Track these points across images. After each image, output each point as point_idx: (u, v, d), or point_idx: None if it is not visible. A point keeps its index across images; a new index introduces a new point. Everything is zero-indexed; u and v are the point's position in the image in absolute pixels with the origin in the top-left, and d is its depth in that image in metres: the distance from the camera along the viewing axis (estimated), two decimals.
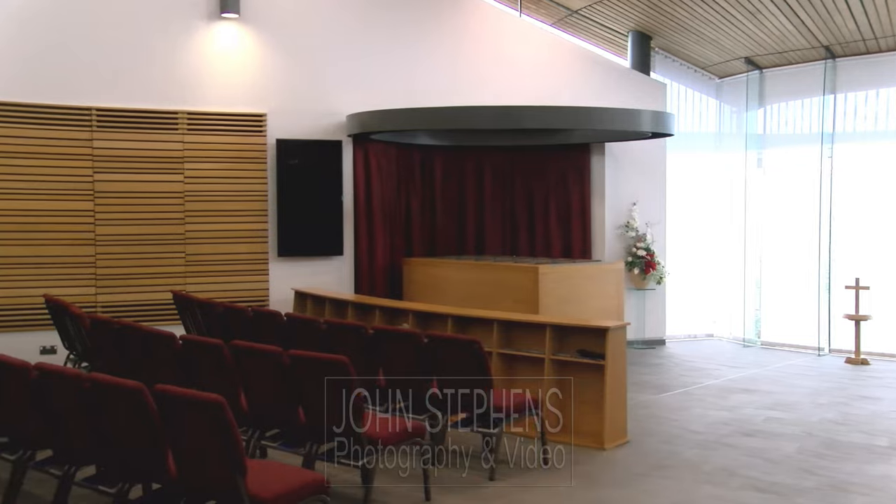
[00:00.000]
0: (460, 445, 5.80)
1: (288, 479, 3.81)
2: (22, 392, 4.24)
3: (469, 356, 5.20)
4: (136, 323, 6.00)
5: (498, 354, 6.50)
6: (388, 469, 5.15)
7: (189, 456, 3.66)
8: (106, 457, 4.00)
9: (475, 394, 5.22)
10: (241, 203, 9.10)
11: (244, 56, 9.14)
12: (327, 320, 6.19)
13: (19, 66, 8.16)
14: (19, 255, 8.18)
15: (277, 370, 4.63)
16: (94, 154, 8.46)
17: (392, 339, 5.61)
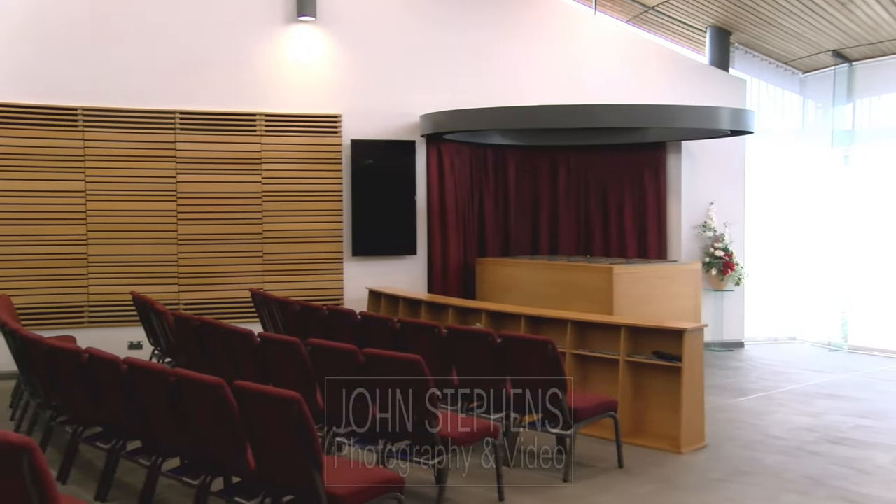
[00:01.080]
0: (534, 446, 5.77)
1: (363, 475, 3.85)
2: (113, 385, 4.41)
3: (543, 356, 5.16)
4: (216, 320, 6.15)
5: (571, 355, 6.44)
6: (462, 468, 5.15)
7: (267, 451, 3.74)
8: (189, 449, 4.12)
9: (549, 394, 5.18)
10: (317, 203, 9.25)
11: (320, 58, 9.29)
12: (401, 319, 6.23)
13: (110, 74, 8.49)
14: (109, 253, 8.52)
15: (353, 368, 4.68)
16: (177, 156, 8.74)
17: (465, 339, 5.61)
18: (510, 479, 5.06)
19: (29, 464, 2.73)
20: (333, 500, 3.58)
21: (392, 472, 4.06)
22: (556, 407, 5.17)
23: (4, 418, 6.51)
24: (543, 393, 5.21)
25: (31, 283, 8.27)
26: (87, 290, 8.48)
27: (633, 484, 5.18)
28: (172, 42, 8.72)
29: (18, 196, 8.22)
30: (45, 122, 8.28)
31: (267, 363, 5.30)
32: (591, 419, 5.33)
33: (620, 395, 5.96)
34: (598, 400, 5.49)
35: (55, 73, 8.32)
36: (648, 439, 5.96)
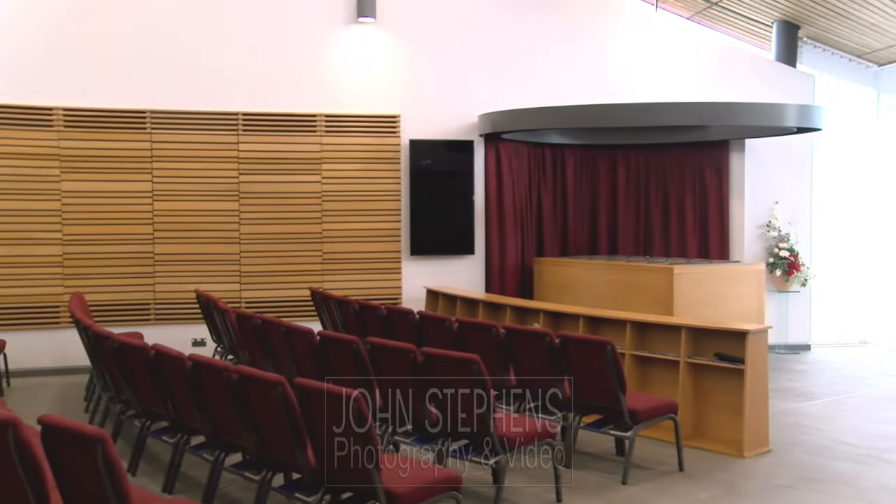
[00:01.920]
0: (592, 447, 5.72)
1: (421, 474, 3.87)
2: (178, 381, 4.53)
3: (601, 357, 5.11)
4: (277, 318, 6.25)
5: (630, 356, 6.36)
6: (519, 469, 5.14)
7: (326, 447, 3.78)
8: (251, 445, 4.20)
9: (607, 395, 5.13)
10: (376, 203, 9.33)
11: (379, 59, 9.37)
12: (459, 319, 6.24)
13: (177, 77, 8.71)
14: (175, 252, 8.74)
15: (411, 367, 4.71)
16: (239, 156, 8.91)
17: (523, 339, 5.59)
18: (568, 480, 5.03)
19: (103, 454, 2.83)
20: (392, 497, 3.61)
21: (450, 470, 4.06)
22: (614, 408, 5.12)
23: (80, 410, 6.75)
24: (601, 393, 5.16)
25: (102, 281, 8.54)
26: (153, 288, 8.71)
27: (695, 488, 5.09)
28: (235, 45, 8.90)
29: (90, 196, 8.49)
30: (115, 125, 8.54)
31: (326, 361, 5.36)
32: (650, 421, 5.26)
33: (681, 398, 5.86)
34: (658, 402, 5.41)
35: (126, 78, 8.56)
36: (710, 443, 5.85)
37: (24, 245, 8.32)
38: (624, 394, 5.10)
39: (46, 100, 8.33)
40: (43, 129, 8.34)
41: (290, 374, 5.37)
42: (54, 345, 8.34)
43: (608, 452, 5.65)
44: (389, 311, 6.85)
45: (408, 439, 4.87)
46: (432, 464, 4.40)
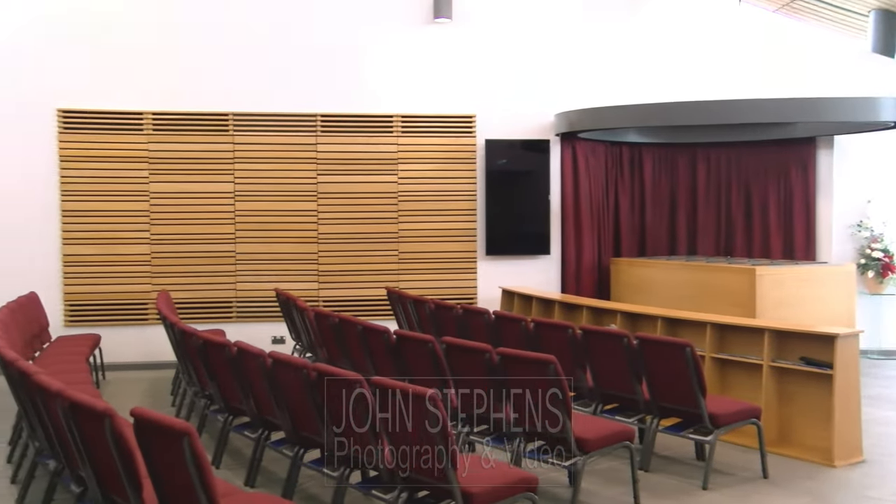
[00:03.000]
0: (671, 451, 5.60)
1: (497, 474, 3.86)
2: (259, 378, 4.63)
3: (681, 359, 4.99)
4: (354, 317, 6.34)
5: (711, 358, 6.21)
6: (596, 471, 5.08)
7: (402, 446, 3.81)
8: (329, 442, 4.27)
9: (686, 398, 5.01)
10: (451, 202, 9.36)
11: (455, 59, 9.39)
12: (534, 319, 6.20)
13: (257, 80, 8.92)
14: (255, 251, 8.96)
15: (486, 367, 4.70)
16: (318, 157, 9.07)
17: (600, 340, 5.51)
18: (646, 484, 4.94)
19: (189, 447, 2.92)
20: (468, 497, 3.61)
21: (526, 471, 4.04)
22: (694, 411, 5.00)
23: (167, 404, 6.99)
24: (680, 396, 5.05)
25: (187, 280, 8.82)
26: (235, 287, 8.95)
27: (781, 496, 4.92)
28: (314, 48, 9.06)
29: (175, 197, 8.78)
30: (199, 128, 8.81)
31: (402, 360, 5.41)
32: (731, 426, 5.12)
33: (764, 402, 5.68)
34: (740, 406, 5.26)
35: (210, 83, 8.82)
36: (795, 450, 5.65)
37: (115, 244, 8.66)
38: (704, 397, 4.98)
39: (137, 105, 8.66)
40: (134, 133, 8.67)
41: (367, 373, 5.44)
42: (143, 340, 8.66)
43: (687, 457, 5.53)
44: (465, 311, 6.86)
45: (483, 439, 4.87)
46: (508, 464, 4.39)
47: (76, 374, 5.90)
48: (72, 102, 8.52)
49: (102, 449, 3.26)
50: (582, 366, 5.59)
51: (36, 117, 8.44)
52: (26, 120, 8.43)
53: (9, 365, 4.36)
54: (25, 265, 8.37)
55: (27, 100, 8.42)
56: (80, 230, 8.58)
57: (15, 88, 8.40)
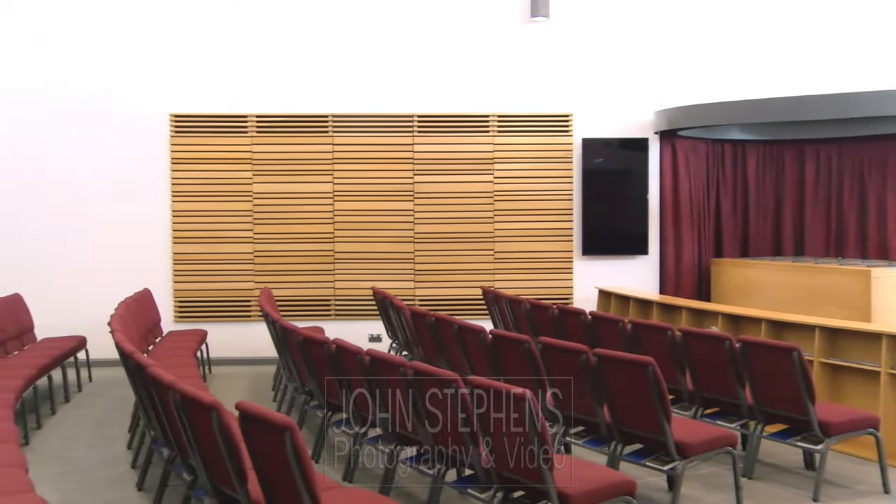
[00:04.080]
0: (776, 459, 5.39)
1: (594, 476, 3.81)
2: (357, 374, 4.72)
3: (787, 363, 4.80)
4: (450, 316, 6.37)
5: (820, 364, 5.94)
6: (697, 476, 4.94)
7: (498, 445, 3.81)
8: (425, 440, 4.31)
9: (793, 404, 4.81)
10: (547, 202, 9.30)
11: (552, 57, 9.32)
12: (632, 320, 6.09)
13: (355, 81, 9.10)
14: (353, 251, 9.14)
15: (582, 368, 4.65)
16: (414, 157, 9.18)
17: (700, 342, 5.36)
18: (750, 493, 4.77)
19: (290, 441, 3.01)
20: (564, 498, 3.58)
21: (623, 475, 3.97)
22: (801, 418, 4.79)
23: (268, 399, 7.22)
24: (787, 402, 4.85)
25: (287, 278, 9.08)
26: (333, 285, 9.15)
27: None
28: (411, 49, 9.16)
29: (277, 197, 9.05)
30: (300, 129, 9.05)
31: (498, 360, 5.40)
32: (844, 435, 4.88)
33: (882, 412, 5.39)
34: (854, 415, 5.01)
35: (310, 85, 9.05)
36: None
37: (220, 243, 9.01)
38: (813, 403, 4.77)
39: (242, 108, 8.97)
40: (238, 135, 8.98)
41: (463, 372, 5.47)
42: (246, 336, 8.96)
43: (795, 466, 5.31)
44: (561, 311, 6.80)
45: (580, 441, 4.82)
46: (605, 466, 4.32)
47: (185, 368, 6.17)
48: (183, 107, 8.91)
49: (210, 440, 3.39)
50: (681, 368, 5.46)
51: (150, 122, 8.87)
52: (142, 124, 8.86)
53: (127, 357, 4.59)
54: (141, 263, 8.81)
55: (143, 105, 8.85)
56: (188, 229, 8.96)
57: (132, 95, 8.84)
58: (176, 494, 4.43)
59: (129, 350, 4.56)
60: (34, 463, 4.41)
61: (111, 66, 8.82)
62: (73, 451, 5.76)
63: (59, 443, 6.00)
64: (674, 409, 5.14)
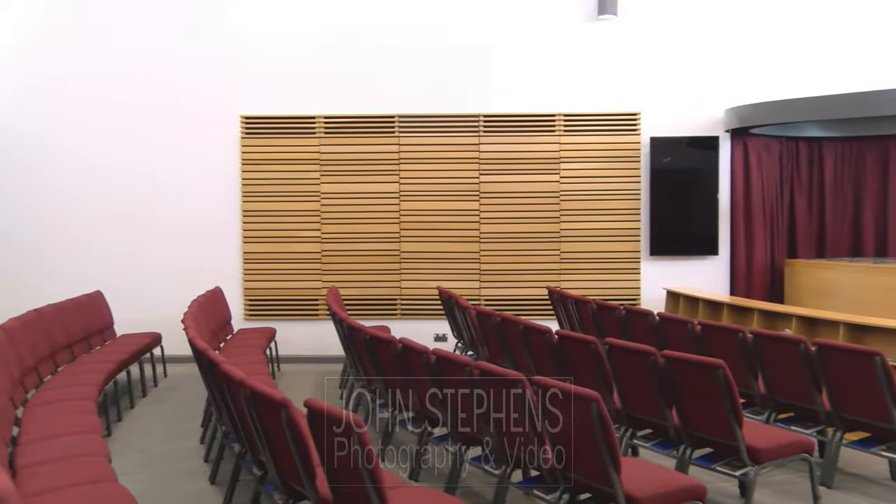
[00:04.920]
0: (859, 468, 5.19)
1: (663, 480, 3.75)
2: (423, 374, 4.75)
3: (868, 368, 4.62)
4: (515, 316, 6.35)
5: None
6: (770, 483, 4.80)
7: (565, 447, 3.78)
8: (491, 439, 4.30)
9: (875, 411, 4.63)
10: (614, 202, 9.19)
11: (619, 55, 9.20)
12: (701, 322, 5.96)
13: (421, 82, 9.15)
14: (419, 250, 9.19)
15: (650, 370, 4.57)
16: (480, 157, 9.18)
17: (773, 345, 5.22)
18: (829, 502, 4.61)
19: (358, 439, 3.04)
20: (632, 501, 3.53)
21: (693, 479, 3.89)
22: (885, 426, 4.61)
23: (335, 396, 7.32)
24: (867, 409, 4.68)
25: (354, 277, 9.19)
26: (399, 285, 9.22)
27: None
28: (477, 48, 9.16)
29: (344, 197, 9.16)
30: (367, 130, 9.15)
31: (564, 360, 5.36)
32: None
33: None
34: None
35: (377, 86, 9.14)
36: None
37: (289, 243, 9.17)
38: None
39: (310, 109, 9.11)
40: (306, 136, 9.13)
41: (528, 372, 5.44)
42: (313, 335, 9.10)
43: (880, 475, 5.09)
44: (628, 312, 6.72)
45: (647, 444, 4.74)
46: (674, 470, 4.24)
47: (255, 365, 6.31)
48: (253, 109, 9.10)
49: (279, 436, 3.45)
50: (753, 372, 5.32)
51: (223, 124, 9.08)
52: (215, 127, 9.08)
53: (200, 354, 4.72)
54: (213, 261, 9.04)
55: (215, 107, 9.07)
56: (258, 229, 9.15)
57: (205, 98, 9.07)
58: (247, 489, 4.52)
59: (201, 347, 4.69)
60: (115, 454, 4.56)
61: (185, 70, 9.06)
62: (150, 444, 5.95)
63: (137, 435, 6.21)
64: (745, 413, 5.01)
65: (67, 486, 3.53)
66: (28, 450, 4.12)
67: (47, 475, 3.70)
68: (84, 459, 3.93)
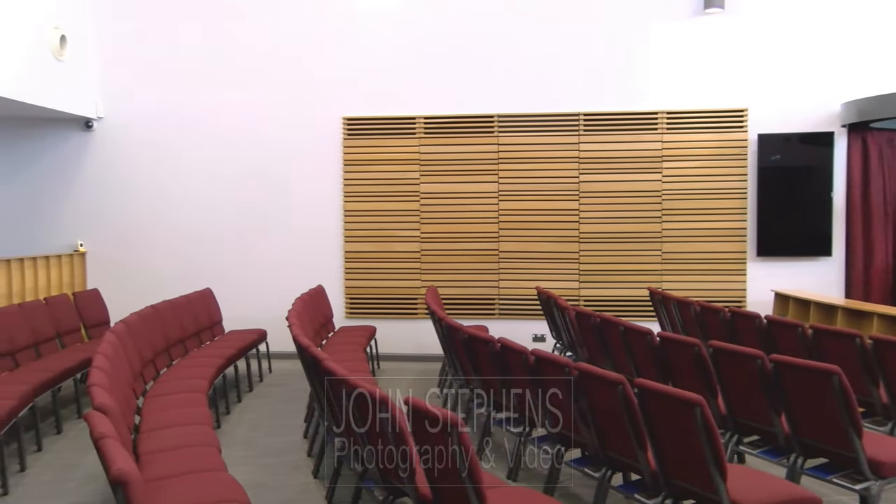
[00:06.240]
0: None
1: (773, 490, 3.60)
2: (522, 374, 4.73)
3: None
4: (615, 317, 6.24)
5: None
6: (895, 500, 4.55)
7: (668, 452, 3.69)
8: (590, 442, 4.25)
9: None
10: (718, 201, 8.91)
11: (726, 50, 8.91)
12: (813, 325, 5.70)
13: (520, 80, 9.11)
14: (517, 250, 9.16)
15: (757, 375, 4.41)
16: (580, 156, 9.07)
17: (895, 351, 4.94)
18: None
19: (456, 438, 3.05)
20: None
21: (807, 490, 3.72)
22: None
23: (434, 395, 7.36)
24: None
25: (453, 276, 9.24)
26: (497, 284, 9.21)
27: None
28: (576, 46, 9.06)
29: (443, 197, 9.23)
30: (466, 130, 9.19)
31: (666, 363, 5.24)
32: None
33: None
34: None
35: (475, 86, 9.17)
36: None
37: (389, 242, 9.31)
38: None
39: (410, 110, 9.23)
40: (407, 136, 9.25)
41: (629, 374, 5.35)
42: (412, 333, 9.21)
43: None
44: (733, 315, 6.50)
45: (754, 450, 4.57)
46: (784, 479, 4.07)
47: (356, 363, 6.43)
48: (354, 111, 9.28)
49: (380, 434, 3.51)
50: (873, 379, 5.05)
51: (326, 126, 9.31)
52: (318, 129, 9.32)
53: (303, 350, 4.85)
54: (315, 260, 9.28)
55: (319, 110, 9.30)
56: (359, 228, 9.33)
57: (309, 100, 9.32)
58: (348, 483, 4.62)
59: (305, 343, 4.81)
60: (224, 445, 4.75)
61: (293, 73, 9.33)
62: (256, 437, 6.16)
63: (244, 428, 6.44)
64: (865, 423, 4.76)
65: (183, 474, 3.70)
66: (148, 438, 4.35)
67: (165, 462, 3.89)
68: (197, 449, 4.11)
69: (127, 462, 2.74)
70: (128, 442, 3.93)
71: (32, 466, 5.49)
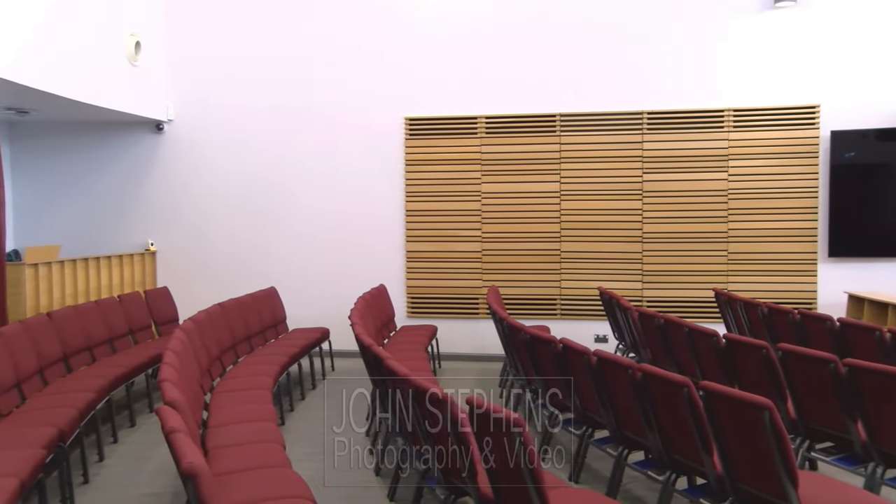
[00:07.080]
0: None
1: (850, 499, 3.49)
2: (584, 375, 4.69)
3: None
4: (679, 318, 6.13)
5: None
6: None
7: (734, 456, 3.61)
8: (654, 444, 4.18)
9: None
10: (788, 200, 8.67)
11: (796, 45, 8.67)
12: (891, 329, 5.50)
13: (581, 79, 9.03)
14: (579, 250, 9.09)
15: (830, 379, 4.27)
16: (643, 155, 8.94)
17: None
18: None
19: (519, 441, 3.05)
20: None
21: (887, 501, 3.59)
22: None
23: (495, 395, 7.37)
24: None
25: (514, 276, 9.21)
26: (559, 284, 9.15)
27: None
28: (639, 42, 8.93)
29: (504, 197, 9.21)
30: (527, 129, 9.15)
31: (732, 365, 5.12)
32: None
33: None
34: None
35: (537, 85, 9.11)
36: None
37: (450, 242, 9.33)
38: None
39: (471, 109, 9.23)
40: (468, 136, 9.26)
41: (694, 376, 5.25)
42: (473, 333, 9.22)
43: None
44: (803, 317, 6.32)
45: (828, 458, 4.44)
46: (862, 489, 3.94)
47: (418, 362, 6.47)
48: (416, 111, 9.33)
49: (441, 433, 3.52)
50: None
51: (388, 126, 9.38)
52: (381, 129, 9.40)
53: (366, 349, 4.90)
54: (378, 260, 9.37)
55: (381, 110, 9.38)
56: (420, 228, 9.37)
57: (372, 101, 9.41)
58: (410, 482, 4.65)
59: (367, 342, 4.86)
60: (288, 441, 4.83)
61: (356, 73, 9.44)
62: (319, 434, 6.25)
63: (307, 425, 6.54)
64: None
65: (249, 469, 3.79)
66: (215, 433, 4.46)
67: (232, 457, 3.99)
68: (262, 445, 4.20)
69: (197, 456, 2.81)
70: (196, 436, 4.03)
71: (109, 457, 5.70)
